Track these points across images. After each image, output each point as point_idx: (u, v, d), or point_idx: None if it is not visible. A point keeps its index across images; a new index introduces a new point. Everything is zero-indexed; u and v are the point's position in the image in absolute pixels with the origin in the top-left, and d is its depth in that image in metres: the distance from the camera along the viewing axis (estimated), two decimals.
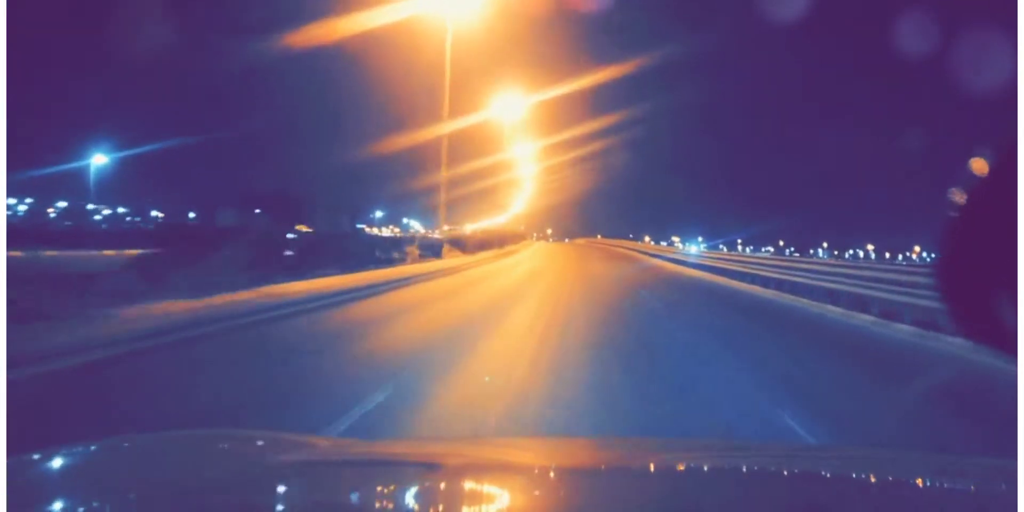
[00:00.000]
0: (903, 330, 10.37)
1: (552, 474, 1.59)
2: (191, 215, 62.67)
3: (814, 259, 33.46)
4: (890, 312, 11.45)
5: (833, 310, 13.37)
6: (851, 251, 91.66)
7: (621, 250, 61.58)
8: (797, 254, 73.29)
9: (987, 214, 0.98)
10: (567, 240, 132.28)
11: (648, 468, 1.64)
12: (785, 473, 1.62)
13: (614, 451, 1.87)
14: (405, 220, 79.08)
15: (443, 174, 31.77)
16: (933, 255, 1.07)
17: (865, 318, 11.87)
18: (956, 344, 8.04)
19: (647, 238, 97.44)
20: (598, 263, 34.72)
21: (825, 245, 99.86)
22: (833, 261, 31.17)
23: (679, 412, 5.02)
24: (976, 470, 1.60)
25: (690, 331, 10.14)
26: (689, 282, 22.66)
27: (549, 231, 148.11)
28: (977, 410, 5.55)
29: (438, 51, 29.65)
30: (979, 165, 0.98)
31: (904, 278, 12.02)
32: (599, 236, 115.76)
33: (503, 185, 66.10)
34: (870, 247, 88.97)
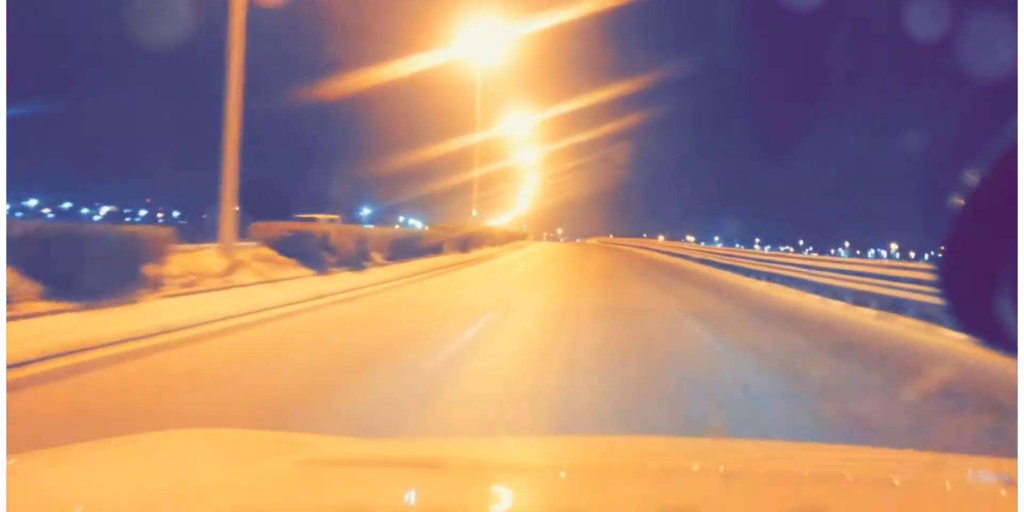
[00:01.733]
0: None
1: (553, 474, 1.60)
2: (175, 214, 61.00)
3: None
4: None
5: None
6: (873, 250, 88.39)
7: (649, 253, 45.00)
8: (816, 253, 69.40)
9: (990, 211, 0.97)
10: (579, 240, 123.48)
11: (648, 468, 1.64)
12: (785, 473, 1.62)
13: (615, 450, 1.87)
14: (402, 218, 70.09)
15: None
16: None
17: None
18: None
19: (661, 237, 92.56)
20: (636, 282, 20.19)
21: (847, 244, 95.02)
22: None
23: None
24: (976, 470, 1.59)
25: None
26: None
27: (560, 231, 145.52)
28: None
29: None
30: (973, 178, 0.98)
31: None
32: (611, 235, 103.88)
33: (505, 182, 62.75)
34: (894, 246, 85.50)
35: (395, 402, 5.37)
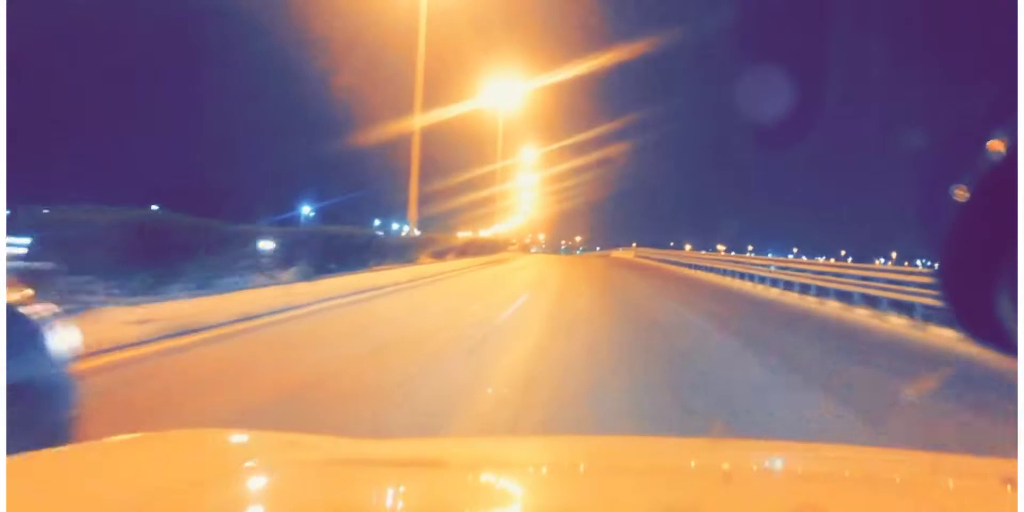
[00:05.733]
0: None
1: (554, 473, 1.60)
2: None
3: None
4: None
5: None
6: (920, 262, 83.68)
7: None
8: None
9: (990, 210, 0.97)
10: (598, 249, 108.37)
11: (649, 468, 1.64)
12: (785, 473, 1.62)
13: (615, 450, 1.88)
14: (377, 221, 62.16)
15: None
16: None
17: None
18: None
19: (688, 247, 79.66)
20: None
21: (894, 255, 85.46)
22: None
23: None
24: (976, 470, 1.58)
25: None
26: None
27: (579, 238, 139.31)
28: None
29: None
30: (995, 146, 0.97)
31: None
32: (634, 244, 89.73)
33: (512, 187, 56.67)
34: None
35: None
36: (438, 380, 6.35)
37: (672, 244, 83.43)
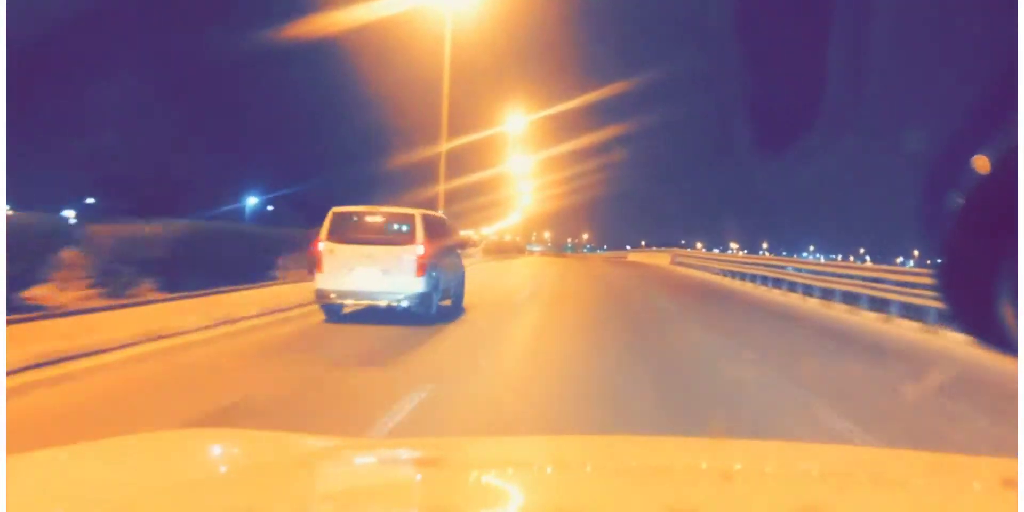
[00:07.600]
0: None
1: (554, 473, 1.61)
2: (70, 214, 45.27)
3: None
4: None
5: None
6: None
7: None
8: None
9: (990, 211, 0.97)
10: (605, 248, 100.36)
11: (649, 467, 1.65)
12: (785, 473, 1.62)
13: (616, 450, 1.88)
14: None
15: None
16: None
17: None
18: None
19: (699, 245, 77.15)
20: None
21: (916, 254, 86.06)
22: None
23: None
24: (976, 470, 1.58)
25: None
26: None
27: (585, 236, 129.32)
28: None
29: None
30: (981, 162, 0.97)
31: None
32: (643, 243, 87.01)
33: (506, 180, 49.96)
34: None
35: None
36: None
37: (683, 242, 79.55)
